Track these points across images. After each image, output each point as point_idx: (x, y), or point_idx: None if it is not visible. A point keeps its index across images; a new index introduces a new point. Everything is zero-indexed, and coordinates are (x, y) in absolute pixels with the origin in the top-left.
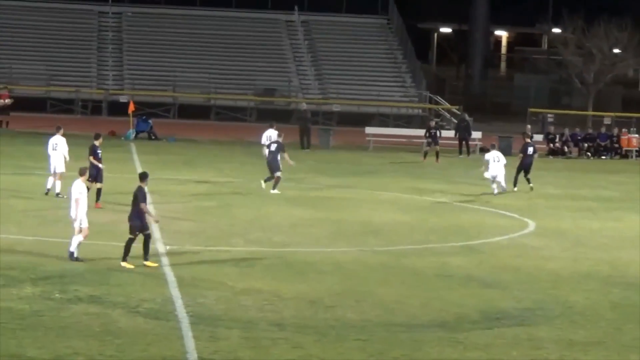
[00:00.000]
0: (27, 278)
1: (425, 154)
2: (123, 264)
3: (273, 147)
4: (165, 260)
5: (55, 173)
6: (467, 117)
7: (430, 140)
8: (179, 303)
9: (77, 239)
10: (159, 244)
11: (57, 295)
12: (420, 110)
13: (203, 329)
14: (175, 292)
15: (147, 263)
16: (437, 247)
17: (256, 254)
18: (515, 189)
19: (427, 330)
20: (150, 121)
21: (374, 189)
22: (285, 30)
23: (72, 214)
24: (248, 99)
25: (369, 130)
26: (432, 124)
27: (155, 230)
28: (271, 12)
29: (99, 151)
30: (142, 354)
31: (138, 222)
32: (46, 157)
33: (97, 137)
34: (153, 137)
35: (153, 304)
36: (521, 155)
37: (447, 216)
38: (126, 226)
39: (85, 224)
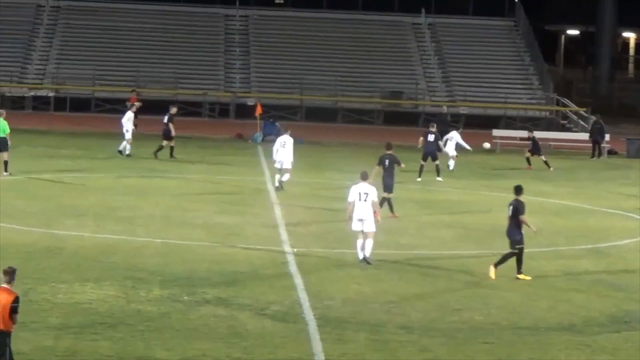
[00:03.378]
0: (155, 280)
1: (528, 160)
2: (520, 276)
3: (431, 137)
4: (292, 263)
5: (282, 169)
6: (601, 120)
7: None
8: (306, 305)
9: (369, 243)
10: (285, 247)
11: (185, 297)
12: (547, 113)
13: (330, 332)
14: (302, 294)
15: (521, 276)
16: (564, 250)
17: (383, 257)
18: None
19: (554, 333)
20: (277, 124)
21: (501, 191)
22: (411, 33)
23: (364, 216)
24: (375, 101)
25: (497, 132)
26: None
27: (282, 232)
28: (397, 14)
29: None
30: (270, 356)
31: (518, 237)
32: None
33: (389, 147)
34: None
35: (280, 307)
36: None
37: (574, 219)
38: (254, 229)
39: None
